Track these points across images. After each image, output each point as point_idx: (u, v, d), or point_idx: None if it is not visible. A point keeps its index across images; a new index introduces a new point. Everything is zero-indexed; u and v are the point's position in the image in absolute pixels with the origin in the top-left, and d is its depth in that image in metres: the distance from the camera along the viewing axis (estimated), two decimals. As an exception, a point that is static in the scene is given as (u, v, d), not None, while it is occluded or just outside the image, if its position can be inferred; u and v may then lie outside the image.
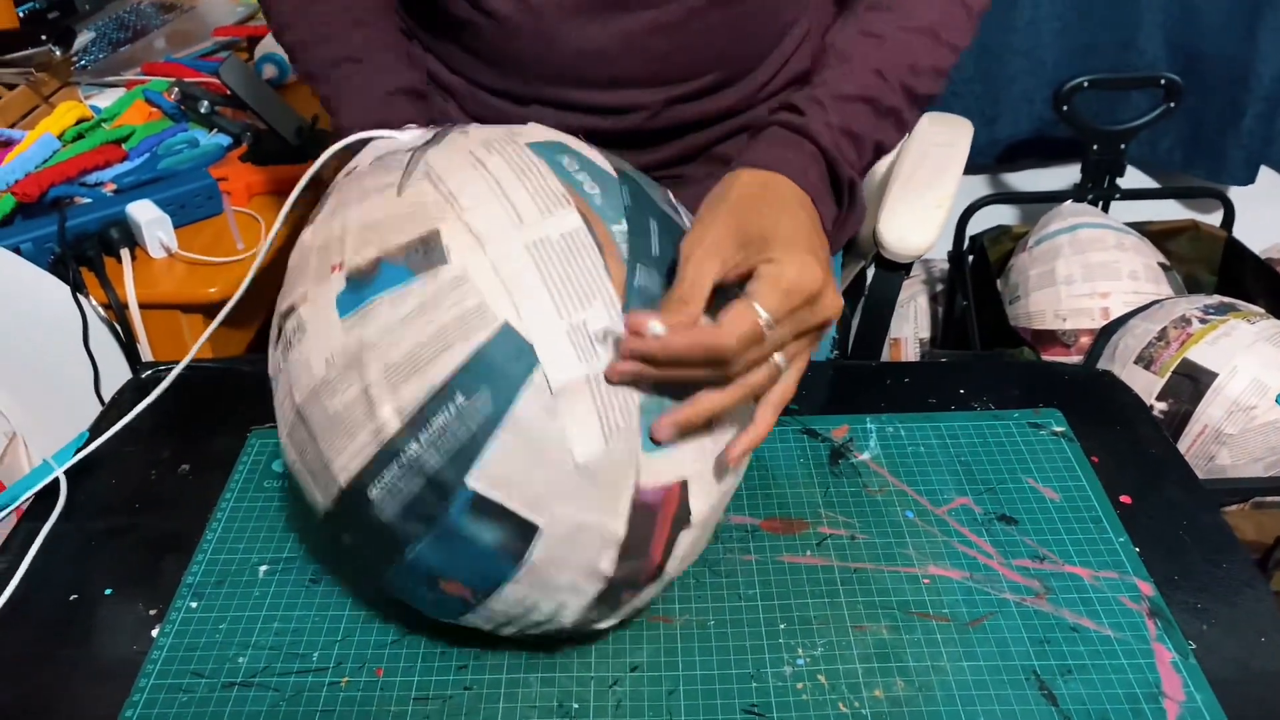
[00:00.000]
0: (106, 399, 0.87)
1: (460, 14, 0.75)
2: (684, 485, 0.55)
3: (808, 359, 0.58)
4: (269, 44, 1.48)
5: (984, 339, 1.68)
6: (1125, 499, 0.72)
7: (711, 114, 0.77)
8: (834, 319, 0.57)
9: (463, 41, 0.78)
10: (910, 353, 1.91)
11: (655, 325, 0.50)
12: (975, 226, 1.83)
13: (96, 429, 0.82)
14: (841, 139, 0.64)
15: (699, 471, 0.55)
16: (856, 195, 0.66)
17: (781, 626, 0.63)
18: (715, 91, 0.76)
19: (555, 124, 0.77)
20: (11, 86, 1.30)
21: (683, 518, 0.56)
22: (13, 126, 1.26)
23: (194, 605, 0.67)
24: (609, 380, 0.52)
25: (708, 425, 0.55)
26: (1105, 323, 1.49)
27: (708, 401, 0.53)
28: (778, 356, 0.55)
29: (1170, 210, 1.99)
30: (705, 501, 0.57)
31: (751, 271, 0.55)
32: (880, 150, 0.68)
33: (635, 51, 0.72)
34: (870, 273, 1.35)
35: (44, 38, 1.34)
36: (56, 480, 0.75)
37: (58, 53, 1.36)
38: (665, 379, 0.52)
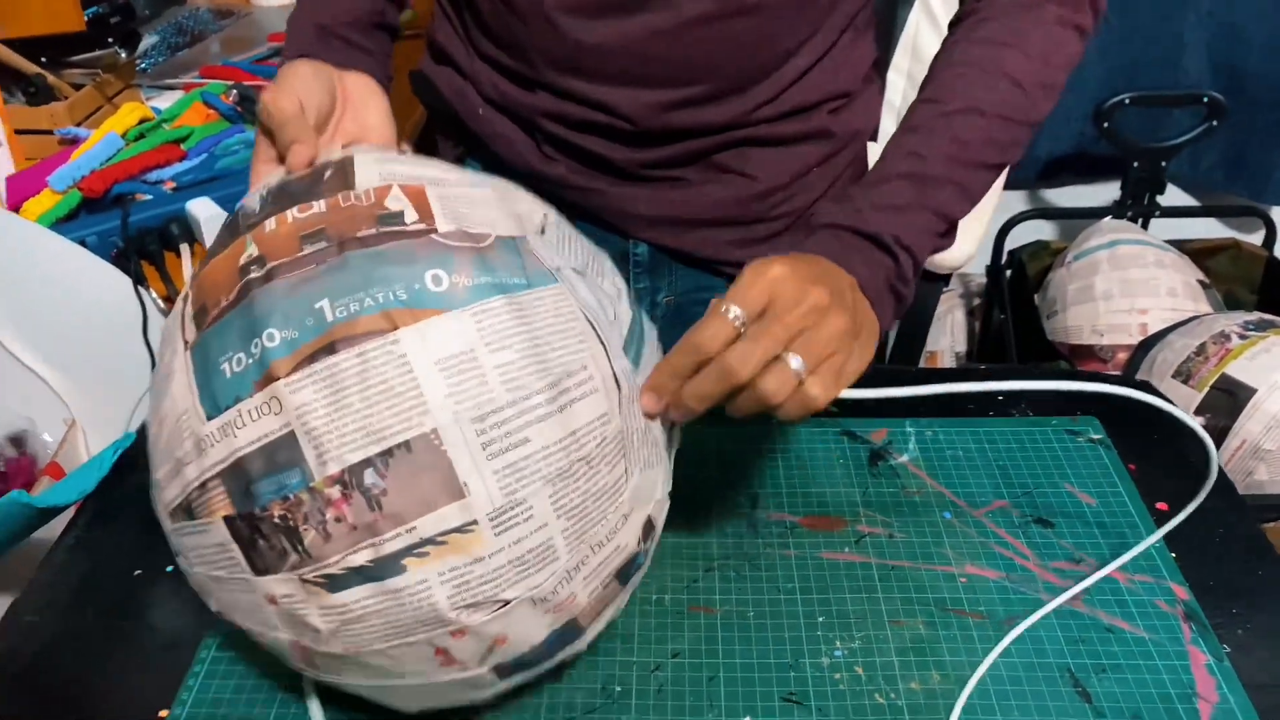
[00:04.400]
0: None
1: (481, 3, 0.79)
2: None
3: (835, 374, 0.56)
4: (323, 49, 1.52)
5: (1020, 353, 1.69)
6: (1162, 506, 0.73)
7: (704, 124, 0.79)
8: (814, 309, 0.55)
9: (481, 20, 0.81)
10: (946, 366, 1.92)
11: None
12: (1013, 241, 1.84)
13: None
14: (870, 213, 0.65)
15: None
16: (913, 245, 0.66)
17: (820, 619, 0.65)
18: (708, 102, 0.78)
19: (557, 111, 0.80)
20: (79, 86, 1.35)
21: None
22: (79, 125, 1.31)
23: (252, 584, 0.69)
24: (647, 413, 0.56)
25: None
26: (1142, 338, 1.49)
27: (693, 383, 0.55)
28: (793, 361, 0.54)
29: (1211, 229, 1.99)
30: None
31: None
32: (943, 215, 0.68)
33: (632, 53, 0.75)
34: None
35: (111, 40, 1.38)
36: (121, 461, 0.78)
37: (123, 55, 1.40)
38: (680, 399, 0.55)
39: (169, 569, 0.70)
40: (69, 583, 0.70)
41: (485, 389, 0.48)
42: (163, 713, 0.61)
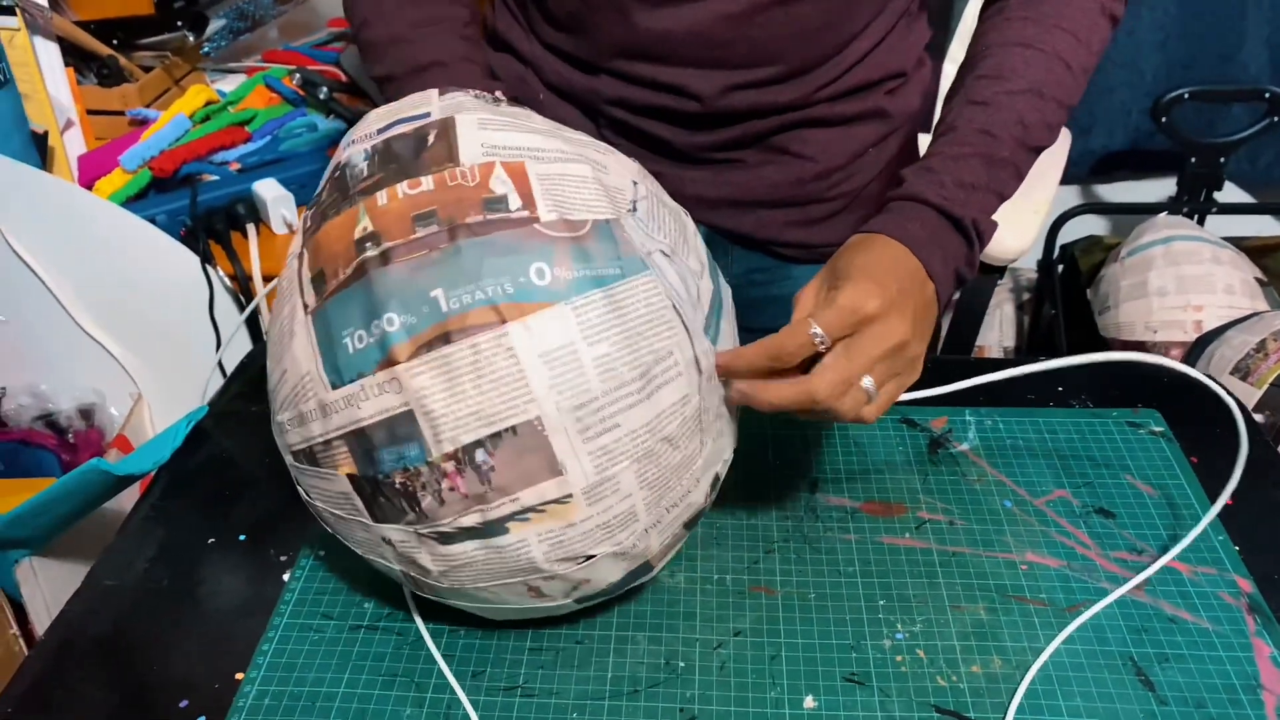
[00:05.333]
0: (223, 363, 0.92)
1: None
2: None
3: (898, 389, 0.61)
4: (382, 35, 1.54)
5: (1071, 349, 1.67)
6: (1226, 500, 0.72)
7: (768, 105, 0.80)
8: (898, 346, 0.59)
9: (545, 8, 0.82)
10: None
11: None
12: (1066, 236, 1.82)
13: (227, 387, 0.87)
14: (953, 190, 0.67)
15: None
16: (983, 228, 0.69)
17: (880, 603, 0.66)
18: (773, 84, 0.79)
19: (620, 96, 0.81)
20: (148, 69, 1.38)
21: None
22: (148, 106, 1.34)
23: (322, 553, 0.71)
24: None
25: None
26: (1197, 336, 1.47)
27: (773, 391, 0.58)
28: (866, 381, 0.58)
29: (1269, 226, 1.96)
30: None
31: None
32: (1002, 198, 0.71)
33: (700, 37, 0.75)
34: (962, 275, 1.36)
35: (179, 24, 1.41)
36: (192, 434, 0.80)
37: (192, 38, 1.43)
38: (753, 398, 0.59)
39: (241, 538, 0.73)
40: (145, 549, 0.72)
41: (583, 380, 0.53)
42: (238, 675, 0.63)
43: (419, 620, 0.65)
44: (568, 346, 0.52)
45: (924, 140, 1.14)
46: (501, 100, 0.63)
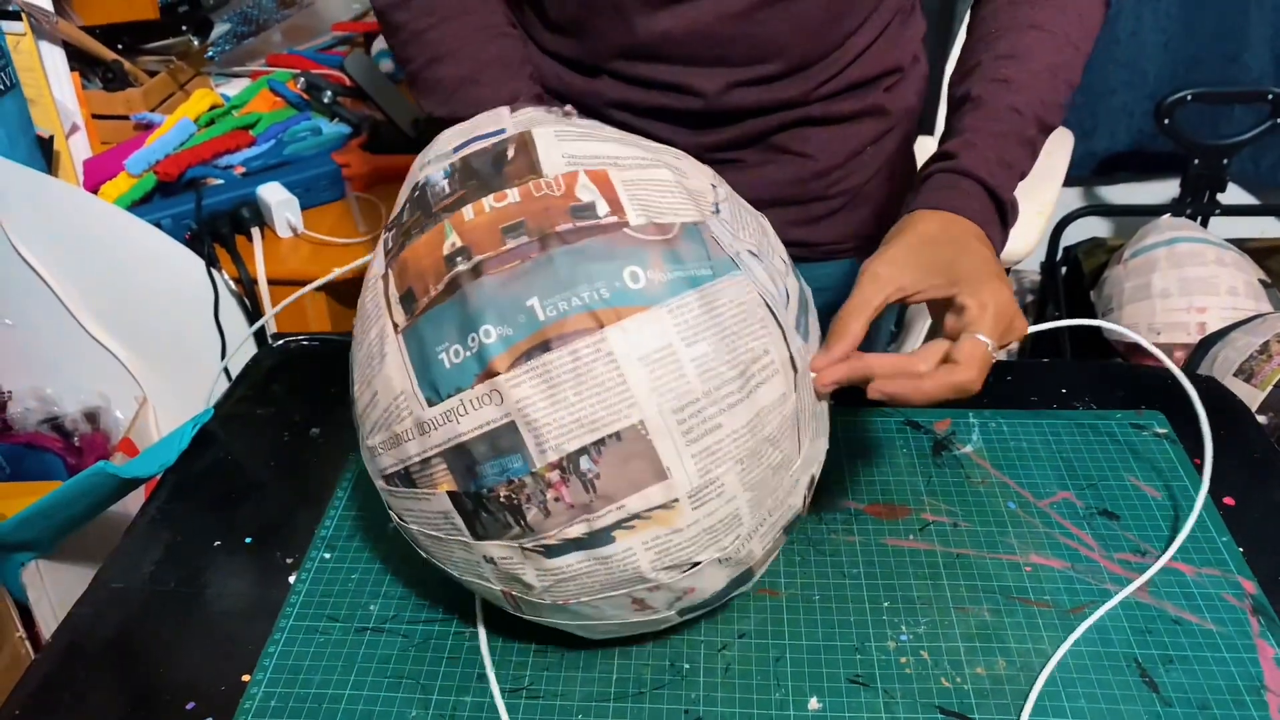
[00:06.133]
0: (229, 368, 0.93)
1: None
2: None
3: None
4: (386, 39, 1.54)
5: (1075, 351, 1.67)
6: (1229, 500, 0.73)
7: (770, 102, 0.81)
8: (1025, 334, 0.64)
9: (543, 12, 0.82)
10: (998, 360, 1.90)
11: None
12: (1069, 238, 1.82)
13: (232, 391, 0.87)
14: (997, 169, 0.69)
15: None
16: (1016, 214, 0.71)
17: (885, 604, 0.66)
18: (774, 80, 0.79)
19: (621, 98, 0.81)
20: (153, 73, 1.38)
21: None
22: (153, 110, 1.34)
23: (327, 556, 0.71)
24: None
25: None
26: (1201, 337, 1.47)
27: (930, 387, 0.60)
28: (994, 352, 0.61)
29: (1272, 227, 1.96)
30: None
31: (942, 300, 0.62)
32: (1023, 176, 0.73)
33: (700, 36, 0.76)
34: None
35: (184, 28, 1.42)
36: (198, 437, 0.80)
37: (196, 42, 1.44)
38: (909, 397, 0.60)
39: (247, 540, 0.73)
40: (152, 552, 0.72)
41: (683, 381, 0.52)
42: (245, 677, 0.63)
43: (447, 619, 0.65)
44: (666, 348, 0.52)
45: (921, 141, 1.15)
46: (572, 113, 0.64)
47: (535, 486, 0.52)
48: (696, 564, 0.55)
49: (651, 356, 0.52)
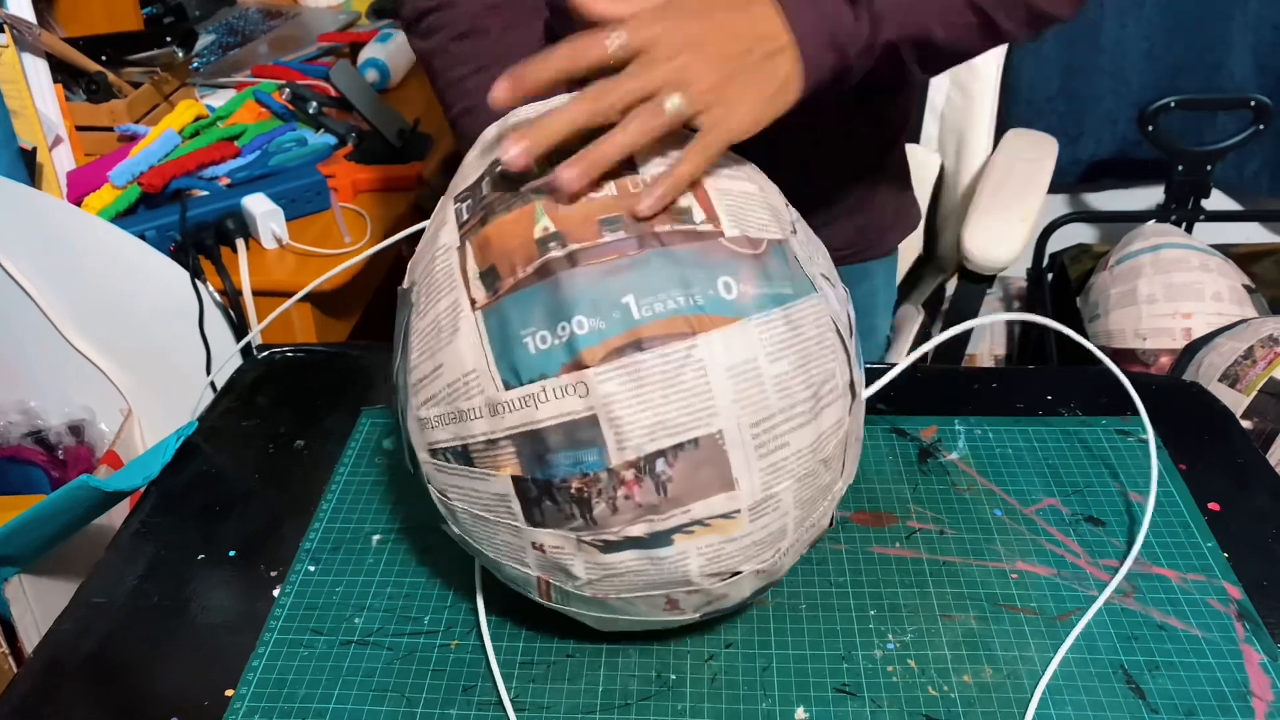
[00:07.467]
0: (215, 381, 0.92)
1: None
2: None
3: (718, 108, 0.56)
4: (371, 49, 1.54)
5: (1061, 357, 1.68)
6: (1214, 506, 0.73)
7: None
8: (693, 39, 0.55)
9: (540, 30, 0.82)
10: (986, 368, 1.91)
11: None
12: (1055, 245, 1.83)
13: (217, 403, 0.87)
14: None
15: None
16: (877, 8, 0.62)
17: (871, 613, 0.66)
18: None
19: None
20: (137, 85, 1.38)
21: None
22: (138, 122, 1.34)
23: (312, 569, 0.71)
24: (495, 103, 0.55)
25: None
26: (1186, 343, 1.48)
27: (607, 142, 0.54)
28: (670, 100, 0.54)
29: (1256, 233, 1.97)
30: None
31: None
32: (915, 20, 0.64)
33: None
34: (952, 285, 1.36)
35: (168, 40, 1.42)
36: (182, 449, 0.80)
37: (181, 54, 1.43)
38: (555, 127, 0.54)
39: (231, 554, 0.72)
40: (135, 566, 0.72)
41: (763, 396, 0.53)
42: (228, 692, 0.62)
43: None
44: (751, 362, 0.52)
45: (912, 150, 1.15)
46: None
47: (609, 482, 0.52)
48: (738, 573, 0.56)
49: (737, 369, 0.52)
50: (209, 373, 1.11)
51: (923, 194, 1.21)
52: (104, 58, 1.37)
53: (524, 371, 0.52)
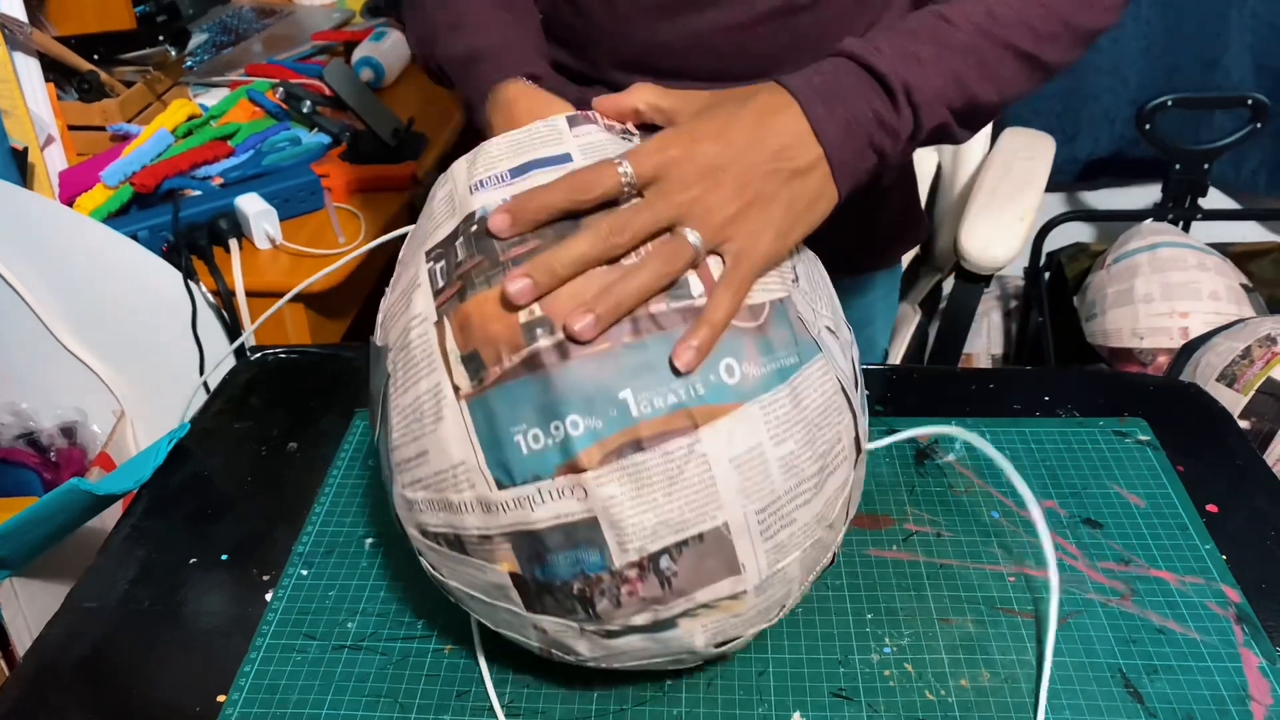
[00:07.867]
0: (208, 382, 0.92)
1: (542, 4, 0.79)
2: None
3: (744, 251, 0.52)
4: (366, 48, 1.54)
5: (1059, 356, 1.68)
6: (1212, 508, 0.72)
7: None
8: (708, 169, 0.52)
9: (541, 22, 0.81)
10: (983, 368, 1.91)
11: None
12: (1052, 243, 1.83)
13: (209, 405, 0.86)
14: (889, 54, 0.58)
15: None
16: (924, 100, 0.58)
17: (869, 616, 0.65)
18: None
19: None
20: (130, 84, 1.37)
21: None
22: (130, 121, 1.33)
23: (304, 573, 0.70)
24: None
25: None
26: (1184, 342, 1.48)
27: (621, 289, 0.50)
28: (690, 235, 0.51)
29: (1254, 232, 1.97)
30: None
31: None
32: (962, 86, 0.60)
33: (699, 48, 0.75)
34: (949, 284, 1.36)
35: (161, 38, 1.41)
36: (174, 452, 0.79)
37: (174, 53, 1.43)
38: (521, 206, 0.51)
39: (223, 557, 0.72)
40: (126, 570, 0.71)
41: (769, 481, 0.51)
42: (220, 697, 0.62)
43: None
44: (756, 449, 0.50)
45: (917, 155, 1.14)
46: (633, 135, 0.58)
47: (611, 583, 0.50)
48: (741, 636, 0.56)
49: (741, 458, 0.50)
50: (202, 374, 1.10)
51: (920, 193, 1.21)
52: (96, 56, 1.36)
53: (517, 472, 0.50)
